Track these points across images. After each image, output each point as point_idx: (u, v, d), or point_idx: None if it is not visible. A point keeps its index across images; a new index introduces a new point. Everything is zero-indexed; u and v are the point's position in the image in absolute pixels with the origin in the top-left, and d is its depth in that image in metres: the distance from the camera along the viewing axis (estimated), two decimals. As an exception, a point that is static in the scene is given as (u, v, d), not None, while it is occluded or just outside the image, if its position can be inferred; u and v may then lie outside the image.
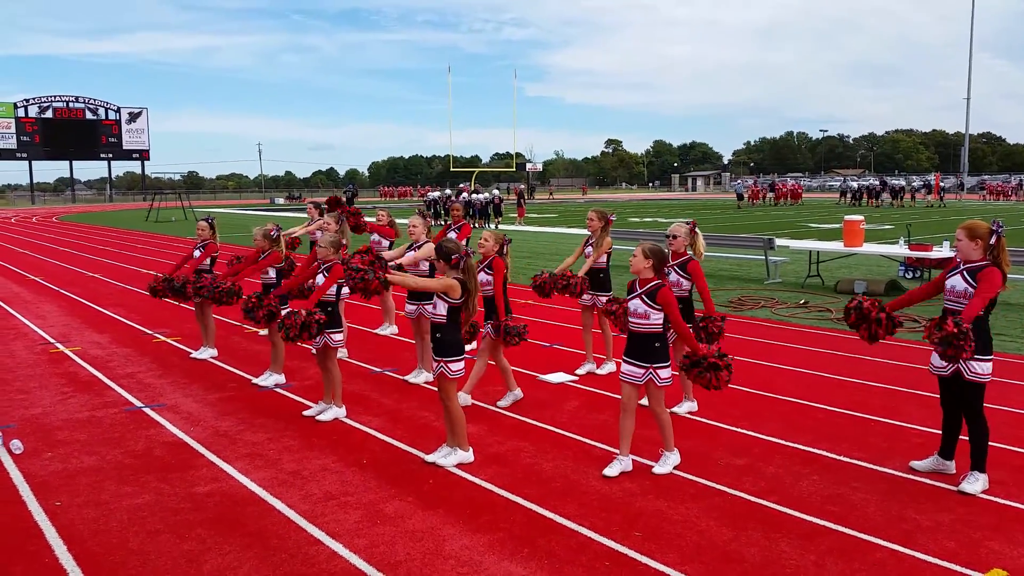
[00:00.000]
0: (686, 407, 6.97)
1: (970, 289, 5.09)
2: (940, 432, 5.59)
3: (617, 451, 5.77)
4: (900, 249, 14.83)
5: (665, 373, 5.52)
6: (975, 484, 5.21)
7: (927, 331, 4.95)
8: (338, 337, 6.93)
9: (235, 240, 25.19)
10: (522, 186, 43.21)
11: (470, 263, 5.74)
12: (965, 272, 5.17)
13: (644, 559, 4.37)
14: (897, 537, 4.60)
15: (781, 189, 58.78)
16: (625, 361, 5.63)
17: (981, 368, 5.13)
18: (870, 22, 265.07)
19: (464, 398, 6.99)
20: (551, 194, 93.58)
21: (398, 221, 10.24)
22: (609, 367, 8.35)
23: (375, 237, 9.92)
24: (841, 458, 5.87)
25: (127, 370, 8.84)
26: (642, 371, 5.52)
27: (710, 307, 6.72)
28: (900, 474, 5.53)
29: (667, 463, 5.66)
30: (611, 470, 5.60)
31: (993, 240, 5.10)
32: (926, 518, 4.85)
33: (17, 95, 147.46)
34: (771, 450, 6.07)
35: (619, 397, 5.75)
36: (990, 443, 5.30)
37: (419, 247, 8.18)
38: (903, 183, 51.85)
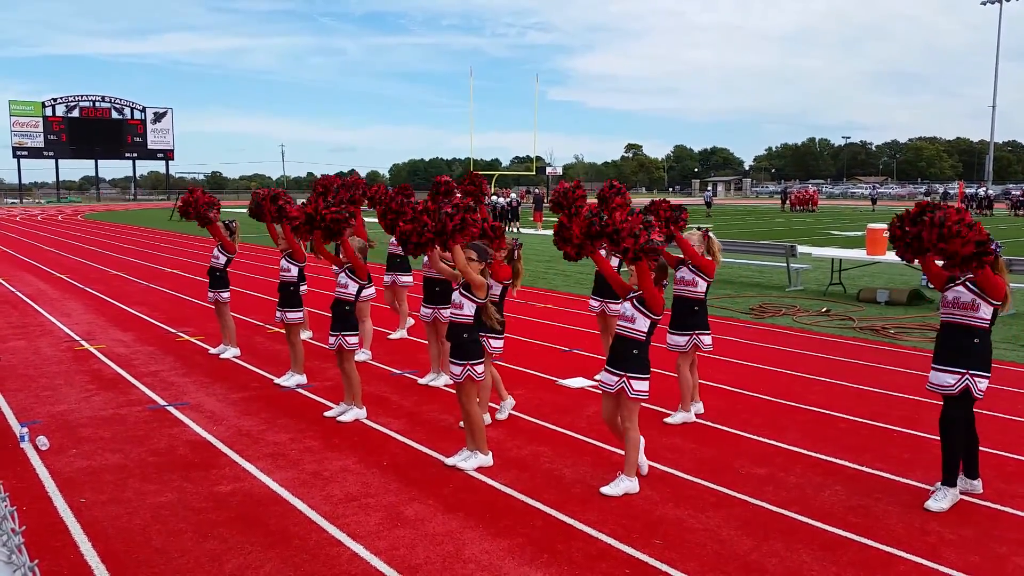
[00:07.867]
0: (690, 411, 6.93)
1: (977, 300, 5.03)
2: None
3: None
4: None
5: (640, 385, 5.23)
6: (942, 501, 5.15)
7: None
8: (353, 339, 6.95)
9: (256, 240, 25.35)
10: (538, 190, 42.95)
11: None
12: (968, 282, 5.10)
13: (664, 567, 4.36)
14: (921, 550, 4.56)
15: (802, 196, 58.31)
16: (604, 370, 5.43)
17: (984, 385, 5.08)
18: (897, 29, 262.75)
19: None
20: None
21: None
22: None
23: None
24: (864, 468, 5.83)
25: (151, 368, 8.93)
26: (616, 379, 5.29)
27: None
28: (923, 486, 5.47)
29: (619, 486, 5.33)
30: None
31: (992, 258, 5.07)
32: (950, 531, 4.81)
33: (47, 94, 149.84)
34: (793, 459, 6.03)
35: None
36: (1012, 456, 5.23)
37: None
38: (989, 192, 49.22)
